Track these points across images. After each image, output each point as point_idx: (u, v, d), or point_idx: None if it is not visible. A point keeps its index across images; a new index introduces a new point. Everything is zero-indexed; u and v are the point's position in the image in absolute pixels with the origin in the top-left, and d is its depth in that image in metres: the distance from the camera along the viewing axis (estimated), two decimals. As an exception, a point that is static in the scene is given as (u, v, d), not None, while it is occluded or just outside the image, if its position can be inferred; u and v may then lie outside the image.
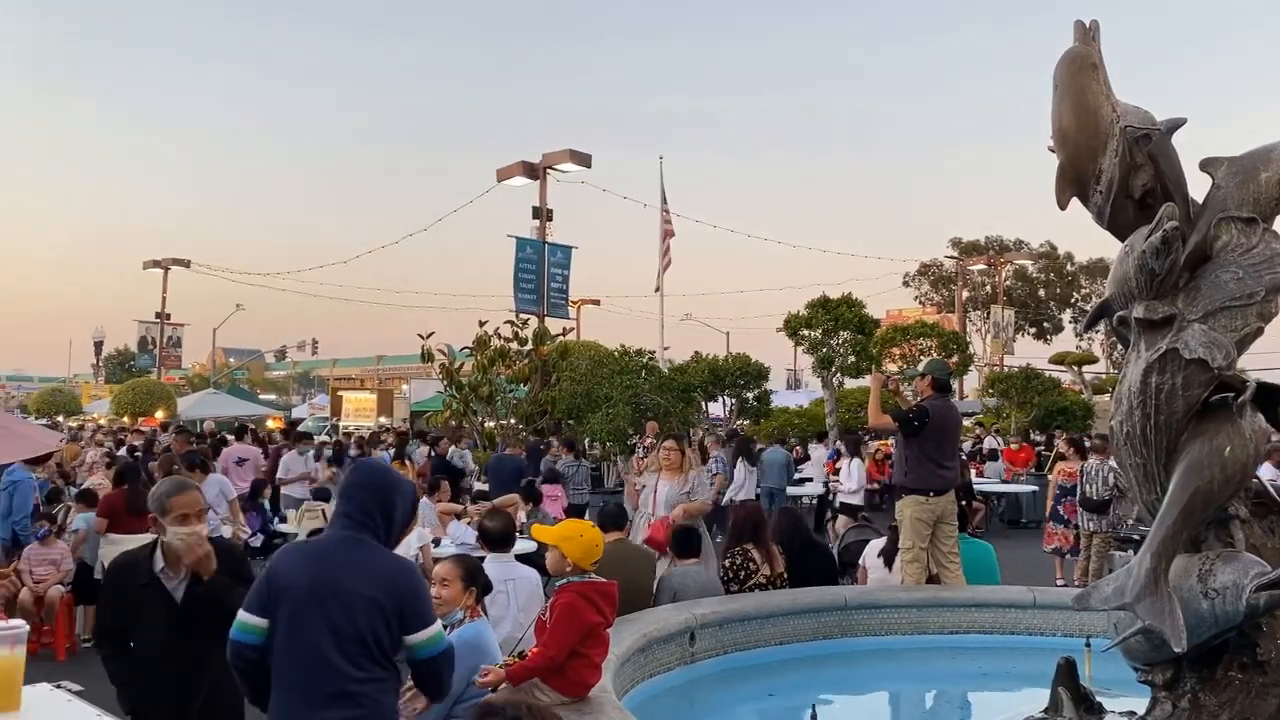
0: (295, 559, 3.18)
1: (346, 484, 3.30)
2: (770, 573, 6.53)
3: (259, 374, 74.50)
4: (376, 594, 3.05)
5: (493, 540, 5.91)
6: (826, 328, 21.59)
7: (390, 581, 3.10)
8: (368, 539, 3.16)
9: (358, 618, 3.02)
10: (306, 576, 3.07)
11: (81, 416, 36.58)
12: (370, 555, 3.14)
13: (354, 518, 3.18)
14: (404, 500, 3.29)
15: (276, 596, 3.07)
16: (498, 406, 19.39)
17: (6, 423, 6.96)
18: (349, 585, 3.05)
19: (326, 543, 3.24)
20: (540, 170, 22.36)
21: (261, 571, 3.18)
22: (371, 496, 3.21)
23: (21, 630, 2.81)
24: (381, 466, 3.56)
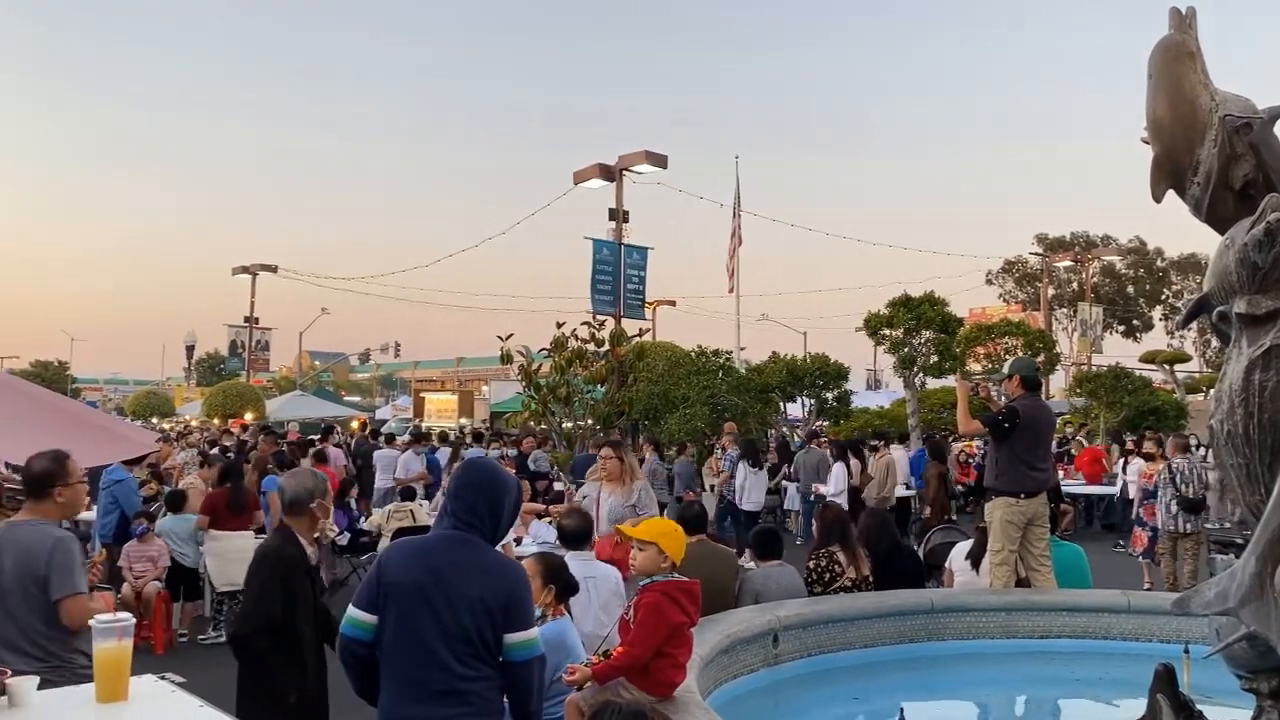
0: (405, 556, 3.20)
1: (456, 483, 3.32)
2: (856, 575, 6.47)
3: (343, 376, 76.25)
4: (483, 594, 3.08)
5: (569, 538, 5.93)
6: (908, 327, 21.29)
7: (497, 581, 3.12)
8: (476, 539, 3.19)
9: (464, 617, 3.05)
10: (415, 574, 3.10)
11: (174, 418, 37.85)
12: (478, 555, 3.17)
13: (462, 517, 3.21)
14: (511, 500, 3.31)
15: (386, 593, 3.11)
16: (575, 407, 19.49)
17: (108, 423, 7.24)
18: (457, 585, 3.08)
19: (435, 541, 3.26)
20: (616, 172, 22.41)
21: (371, 567, 3.21)
22: (481, 496, 3.24)
23: (129, 623, 2.91)
24: (491, 466, 3.56)
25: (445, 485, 14.50)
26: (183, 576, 9.23)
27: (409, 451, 15.08)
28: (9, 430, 5.76)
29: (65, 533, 4.11)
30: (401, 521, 11.24)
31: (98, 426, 6.65)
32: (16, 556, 3.89)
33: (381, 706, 3.16)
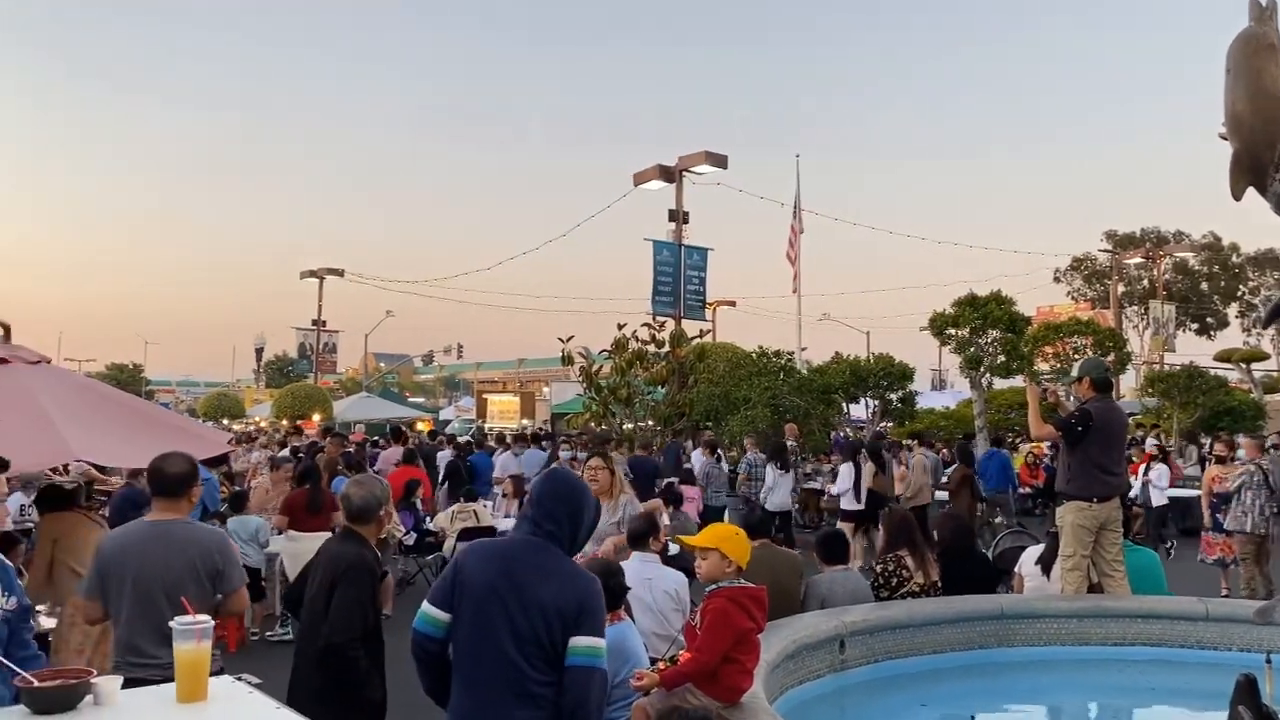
0: (482, 558, 3.23)
1: (539, 491, 3.34)
2: (924, 580, 6.39)
3: (408, 377, 77.26)
4: (556, 600, 3.08)
5: (632, 538, 5.96)
6: (974, 326, 20.92)
7: (570, 588, 3.13)
8: (553, 546, 3.21)
9: (536, 621, 3.06)
10: (490, 575, 3.14)
11: (245, 419, 38.68)
12: (555, 563, 3.18)
13: (542, 525, 3.22)
14: (591, 512, 3.33)
15: (461, 592, 3.15)
16: (636, 408, 19.52)
17: (184, 424, 7.41)
18: (530, 589, 3.09)
19: (514, 545, 3.27)
20: (676, 173, 22.38)
21: (448, 566, 3.27)
22: (562, 505, 3.25)
23: (208, 625, 2.97)
24: (573, 476, 3.57)
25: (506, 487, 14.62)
26: (255, 578, 9.42)
27: (507, 453, 15.24)
28: (97, 432, 5.92)
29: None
30: (465, 522, 11.36)
31: (175, 427, 6.80)
32: (189, 551, 4.03)
33: (452, 706, 3.18)
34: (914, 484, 14.00)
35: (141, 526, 4.14)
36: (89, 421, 6.03)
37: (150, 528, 4.11)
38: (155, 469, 4.26)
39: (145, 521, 4.17)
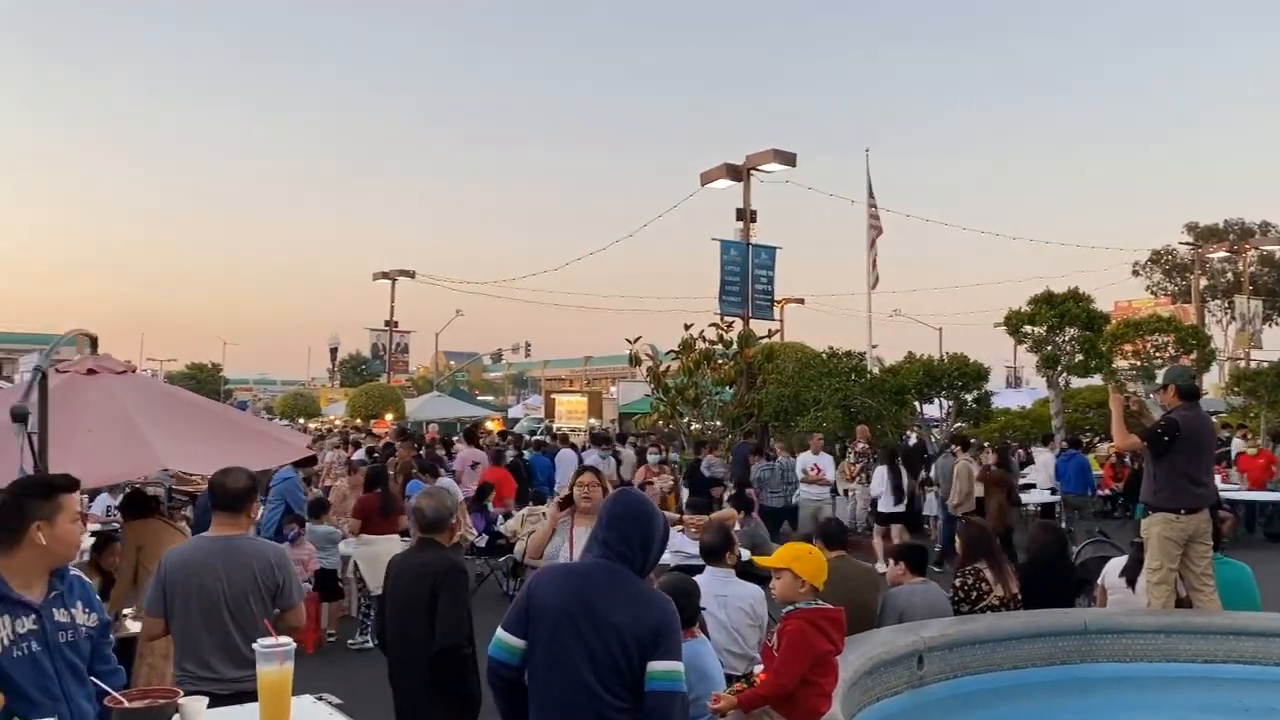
0: (554, 582, 3.20)
1: (610, 512, 3.30)
2: (1004, 593, 6.23)
3: (477, 375, 78.13)
4: (632, 624, 3.05)
5: (709, 553, 5.92)
6: (1051, 324, 20.47)
7: (646, 612, 3.09)
8: (625, 569, 3.17)
9: (612, 646, 3.03)
10: (564, 600, 3.10)
11: (320, 418, 39.44)
12: (628, 586, 3.15)
13: (614, 546, 3.19)
14: (661, 532, 3.30)
15: (535, 618, 3.12)
16: (704, 409, 19.45)
17: (265, 429, 7.56)
18: (605, 613, 3.06)
19: (586, 569, 3.24)
20: (744, 171, 22.21)
21: (520, 591, 3.24)
22: (634, 527, 3.22)
23: (290, 647, 2.99)
24: (643, 497, 3.53)
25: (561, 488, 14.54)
26: (323, 578, 9.58)
27: (594, 453, 15.09)
28: (183, 441, 6.06)
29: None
30: (536, 525, 11.40)
31: (258, 433, 6.95)
32: (252, 566, 4.13)
33: None
34: (959, 490, 13.55)
35: (204, 542, 4.21)
36: (174, 430, 6.19)
37: (213, 543, 4.18)
38: (217, 483, 4.33)
39: (207, 537, 4.25)
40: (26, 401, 5.09)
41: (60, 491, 3.17)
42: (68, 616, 3.20)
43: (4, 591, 3.03)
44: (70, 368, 6.55)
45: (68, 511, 3.16)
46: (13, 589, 3.06)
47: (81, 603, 3.26)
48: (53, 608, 3.16)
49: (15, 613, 3.05)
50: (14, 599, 3.05)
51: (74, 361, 6.77)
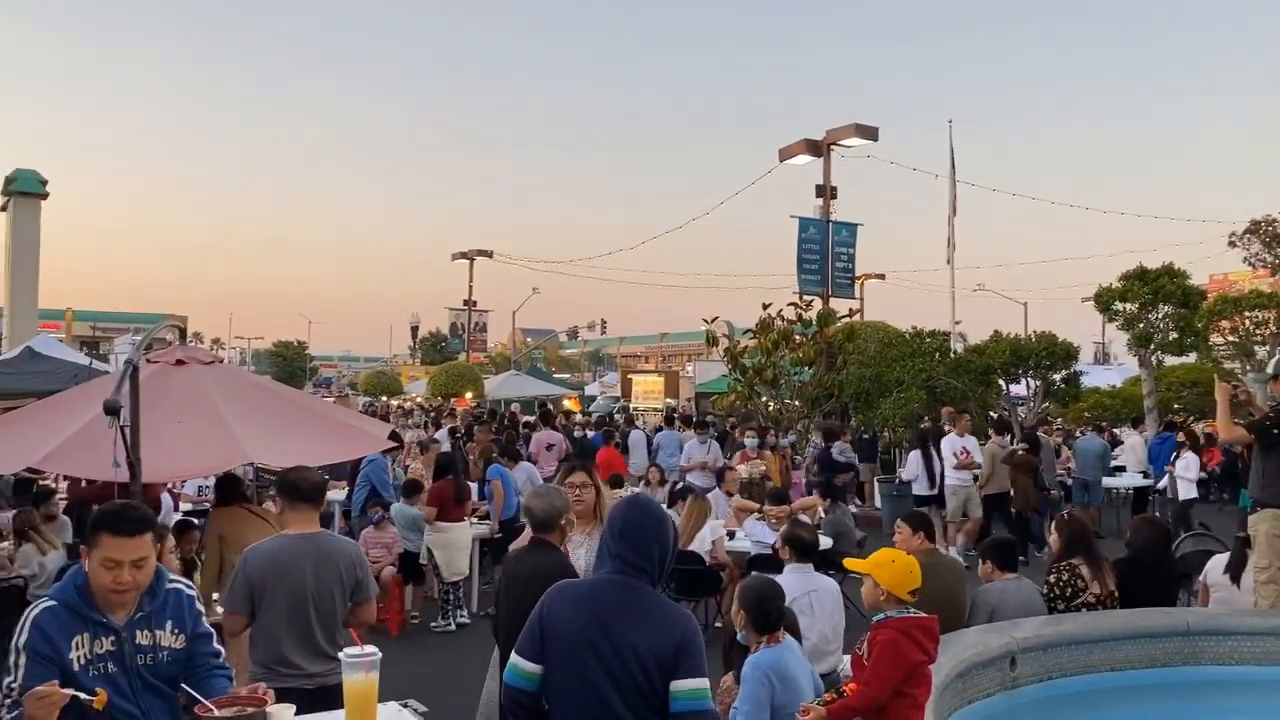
0: (569, 603, 3.03)
1: (624, 522, 3.09)
2: (1100, 591, 5.98)
3: (553, 352, 78.70)
4: (653, 642, 2.91)
5: (801, 550, 5.79)
6: (1144, 301, 19.74)
7: (668, 629, 2.94)
8: (642, 583, 3.01)
9: (633, 666, 2.89)
10: (581, 622, 2.95)
11: (403, 395, 40.11)
12: (646, 602, 2.99)
13: (630, 560, 3.02)
14: (674, 539, 3.15)
15: (551, 641, 2.97)
16: (782, 389, 19.23)
17: (348, 419, 7.61)
18: (625, 633, 2.91)
19: (600, 586, 3.06)
20: (824, 147, 21.83)
21: (533, 611, 3.07)
22: (653, 537, 3.05)
23: (376, 656, 2.98)
24: (654, 501, 3.37)
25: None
26: (407, 560, 9.68)
27: (694, 439, 14.59)
28: (269, 433, 6.13)
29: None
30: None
31: (342, 424, 7.00)
32: (337, 563, 4.18)
33: None
34: (984, 473, 13.38)
35: (290, 540, 4.22)
36: (260, 422, 6.26)
37: (299, 541, 4.21)
38: (292, 483, 4.35)
39: (291, 535, 4.25)
40: (119, 395, 5.20)
41: (102, 530, 3.07)
42: (150, 639, 3.16)
43: (86, 612, 3.03)
44: (160, 358, 6.67)
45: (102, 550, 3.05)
46: (96, 609, 3.05)
47: (172, 622, 3.21)
48: (136, 629, 3.14)
49: (96, 633, 3.04)
50: (95, 619, 3.04)
51: (164, 351, 6.90)
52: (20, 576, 7.89)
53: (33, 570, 7.97)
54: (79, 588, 3.06)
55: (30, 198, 26.40)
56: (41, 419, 6.58)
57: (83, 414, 5.92)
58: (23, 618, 3.02)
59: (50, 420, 6.30)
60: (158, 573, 3.21)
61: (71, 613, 3.02)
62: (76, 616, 3.02)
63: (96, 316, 60.61)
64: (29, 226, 26.19)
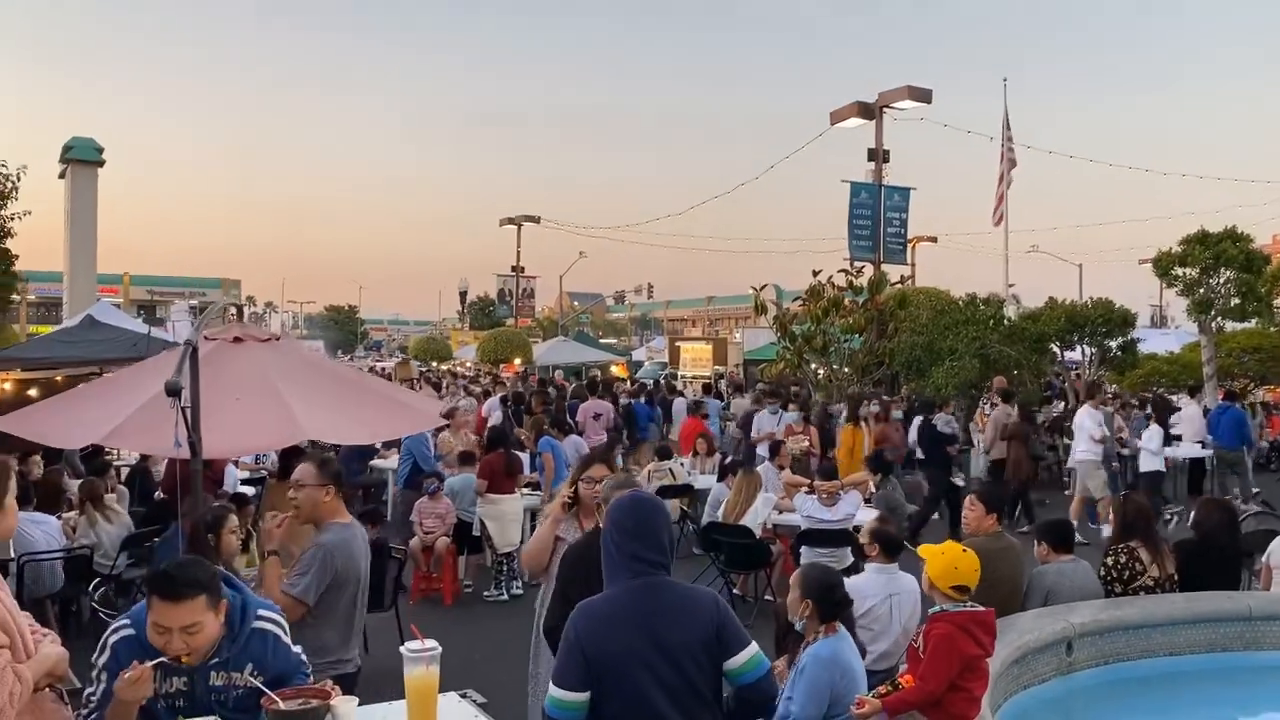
0: (605, 623, 2.93)
1: (634, 521, 3.03)
2: (1159, 574, 5.88)
3: (600, 316, 78.86)
4: (695, 634, 2.90)
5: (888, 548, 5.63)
6: (1205, 266, 19.24)
7: (702, 615, 2.94)
8: (663, 577, 2.99)
9: (687, 668, 2.87)
10: (625, 640, 2.88)
11: (452, 361, 40.46)
12: (672, 594, 2.97)
13: (649, 558, 2.97)
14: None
15: (597, 667, 2.87)
16: (831, 357, 19.08)
17: (400, 397, 7.68)
18: (669, 635, 2.88)
19: (632, 595, 2.96)
20: (876, 110, 21.47)
21: (563, 637, 2.97)
22: (661, 527, 3.04)
23: (436, 651, 3.01)
24: (650, 495, 3.31)
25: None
26: (464, 532, 9.79)
27: (764, 410, 14.33)
28: (325, 411, 6.21)
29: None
30: (662, 480, 11.41)
31: (394, 402, 7.07)
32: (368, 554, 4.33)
33: None
34: (989, 438, 13.52)
35: (354, 531, 4.30)
36: (316, 400, 6.34)
37: (357, 531, 4.33)
38: (337, 472, 4.41)
39: (351, 525, 4.33)
40: (179, 376, 5.29)
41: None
42: (225, 680, 3.06)
43: (156, 653, 2.95)
44: (218, 335, 6.77)
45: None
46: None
47: (253, 664, 3.09)
48: (210, 671, 3.05)
49: (167, 673, 3.00)
50: (168, 664, 2.97)
51: (221, 329, 7.00)
52: (85, 546, 8.11)
53: (93, 540, 8.19)
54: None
55: (87, 165, 26.88)
56: (107, 396, 6.72)
57: (145, 391, 6.02)
58: (104, 638, 3.05)
59: (115, 397, 6.43)
60: (243, 611, 3.11)
61: (145, 647, 2.97)
62: (149, 652, 2.95)
63: (153, 281, 61.79)
64: (86, 193, 26.69)
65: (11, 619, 2.78)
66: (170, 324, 29.11)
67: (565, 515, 4.64)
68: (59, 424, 6.49)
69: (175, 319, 25.82)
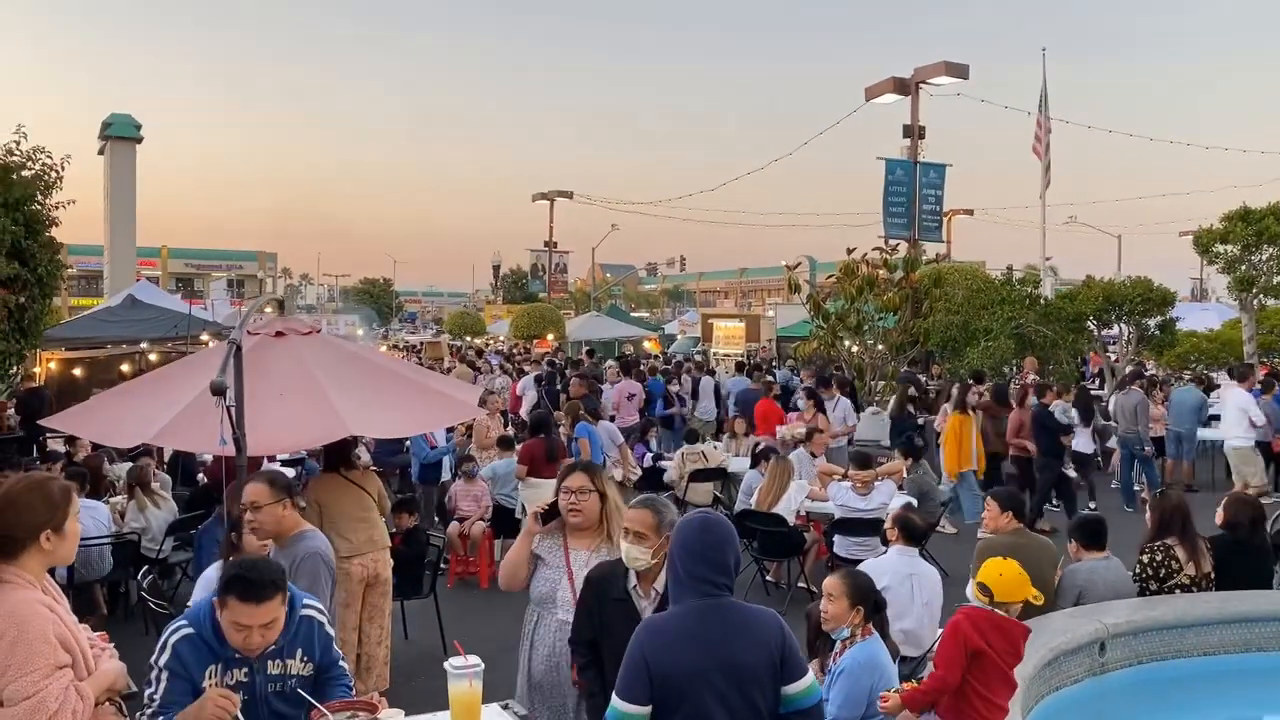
0: (673, 640, 2.94)
1: (701, 544, 3.02)
2: (1195, 573, 5.86)
3: (632, 288, 78.81)
4: (761, 656, 2.93)
5: (910, 535, 5.73)
6: (1247, 243, 18.93)
7: (767, 638, 2.96)
8: (727, 598, 3.00)
9: (751, 690, 2.91)
10: (692, 658, 2.89)
11: (486, 335, 40.70)
12: (742, 615, 2.99)
13: (714, 580, 2.98)
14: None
15: (661, 684, 2.89)
16: (865, 335, 19.01)
17: (441, 388, 7.73)
18: (739, 658, 2.91)
19: (701, 615, 2.97)
20: (912, 86, 21.28)
21: (627, 650, 2.98)
22: (730, 548, 3.03)
23: (479, 667, 3.10)
24: (720, 517, 3.21)
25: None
26: (502, 516, 9.91)
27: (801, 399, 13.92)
28: (367, 405, 6.30)
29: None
30: (696, 464, 11.47)
31: (434, 393, 7.14)
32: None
33: None
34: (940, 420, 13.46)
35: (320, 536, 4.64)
36: (358, 394, 6.42)
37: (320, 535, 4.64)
38: (287, 485, 4.69)
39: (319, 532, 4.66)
40: (224, 376, 5.41)
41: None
42: (281, 668, 3.23)
43: (218, 648, 3.13)
44: (260, 329, 6.87)
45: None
46: (228, 644, 3.14)
47: (302, 649, 3.27)
48: (268, 660, 3.20)
49: (229, 665, 3.15)
50: (228, 655, 3.14)
51: (263, 323, 7.10)
52: (134, 531, 8.31)
53: (142, 525, 8.40)
54: (215, 624, 3.16)
55: (126, 141, 27.21)
56: (154, 393, 6.83)
57: (191, 389, 6.14)
58: (162, 638, 3.18)
59: (162, 394, 6.55)
60: (290, 600, 3.25)
61: (206, 644, 3.13)
62: (210, 649, 3.13)
63: (191, 254, 62.57)
64: (125, 169, 27.04)
65: (73, 636, 2.89)
66: (209, 301, 29.58)
67: (539, 529, 4.12)
68: (112, 424, 6.63)
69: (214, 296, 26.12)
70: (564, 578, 4.01)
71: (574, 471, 4.20)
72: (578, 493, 4.07)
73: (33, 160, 8.62)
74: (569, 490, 4.09)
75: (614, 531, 4.00)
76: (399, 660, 6.92)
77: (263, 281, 63.74)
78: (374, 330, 47.70)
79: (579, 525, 4.07)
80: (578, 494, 4.07)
